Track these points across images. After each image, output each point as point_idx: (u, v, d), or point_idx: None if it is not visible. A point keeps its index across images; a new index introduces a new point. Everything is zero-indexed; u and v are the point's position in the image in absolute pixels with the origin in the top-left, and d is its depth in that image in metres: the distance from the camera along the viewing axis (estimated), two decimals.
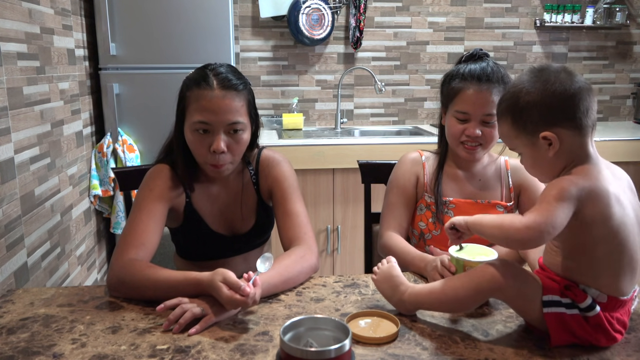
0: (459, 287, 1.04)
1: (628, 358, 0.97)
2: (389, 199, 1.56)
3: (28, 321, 1.11)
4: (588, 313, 0.97)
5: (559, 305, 0.98)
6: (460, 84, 1.44)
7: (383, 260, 1.19)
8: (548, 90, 0.97)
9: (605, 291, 0.98)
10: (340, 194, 2.89)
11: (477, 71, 1.43)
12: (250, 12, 3.31)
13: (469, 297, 1.03)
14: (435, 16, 3.45)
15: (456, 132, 1.45)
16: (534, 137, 1.00)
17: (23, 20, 1.97)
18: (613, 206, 0.94)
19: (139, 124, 2.76)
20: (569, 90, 0.97)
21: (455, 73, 1.47)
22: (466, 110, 1.43)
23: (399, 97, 3.53)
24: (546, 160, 1.00)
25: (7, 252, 1.79)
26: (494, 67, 1.44)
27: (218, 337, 1.04)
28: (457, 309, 1.10)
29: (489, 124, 1.43)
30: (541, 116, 0.98)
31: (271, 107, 3.45)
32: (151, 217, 1.32)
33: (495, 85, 1.42)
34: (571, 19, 3.46)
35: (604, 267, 0.97)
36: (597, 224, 0.94)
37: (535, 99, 0.98)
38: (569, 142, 0.98)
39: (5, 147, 1.81)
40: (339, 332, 0.93)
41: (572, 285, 0.99)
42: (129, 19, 2.66)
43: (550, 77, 0.98)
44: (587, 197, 0.94)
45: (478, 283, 1.01)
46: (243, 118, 1.33)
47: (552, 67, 1.01)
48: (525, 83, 1.00)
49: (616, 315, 1.00)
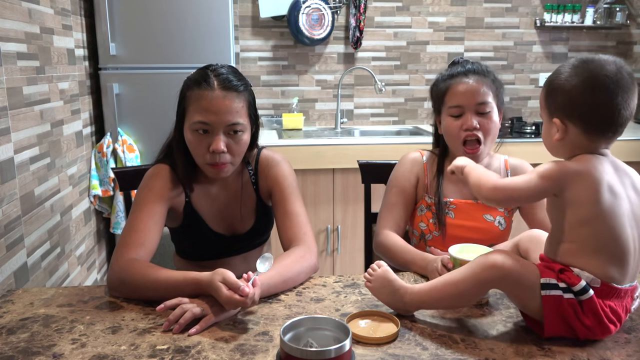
0: (459, 280, 1.04)
1: (628, 358, 0.97)
2: (388, 198, 1.56)
3: (28, 321, 1.11)
4: (582, 296, 0.98)
5: (556, 288, 0.99)
6: (448, 82, 1.46)
7: (372, 265, 1.15)
8: (579, 87, 1.00)
9: (596, 274, 0.99)
10: (340, 194, 2.89)
11: (462, 69, 1.46)
12: (250, 12, 3.31)
13: (470, 289, 1.04)
14: (435, 16, 3.45)
15: (454, 129, 1.44)
16: (551, 117, 1.05)
17: (23, 20, 1.97)
18: (602, 193, 0.98)
19: (138, 124, 2.76)
20: (595, 99, 0.99)
21: (441, 77, 1.50)
22: (458, 102, 1.43)
23: (399, 97, 3.53)
24: (551, 141, 1.07)
25: (7, 252, 1.79)
26: (478, 65, 1.47)
27: (218, 337, 1.04)
28: (459, 303, 1.10)
29: (484, 114, 1.43)
30: (562, 104, 1.02)
31: (271, 107, 3.45)
32: (151, 217, 1.32)
33: (482, 77, 1.44)
34: (571, 19, 3.46)
35: (591, 249, 0.99)
36: (581, 205, 0.99)
37: (565, 87, 1.01)
38: (574, 137, 1.03)
39: (5, 147, 1.81)
40: (339, 332, 0.93)
41: (566, 269, 1.01)
42: (129, 19, 2.66)
43: (590, 79, 0.99)
44: (572, 179, 0.99)
45: (478, 274, 1.02)
46: (243, 119, 1.33)
47: (606, 70, 0.99)
48: (569, 68, 1.02)
49: (609, 303, 1.00)
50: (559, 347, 1.00)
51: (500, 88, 1.48)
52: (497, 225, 1.48)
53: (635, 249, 1.01)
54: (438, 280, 1.09)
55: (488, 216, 1.48)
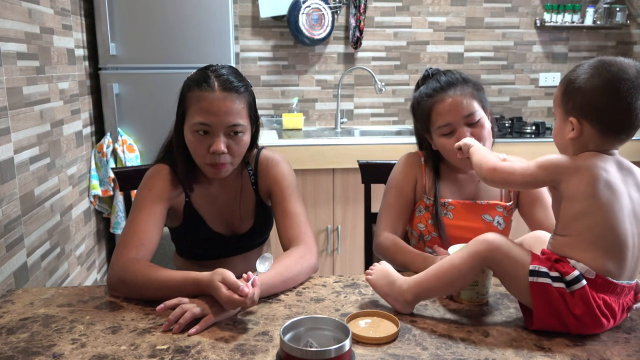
0: (455, 258, 1.09)
1: (628, 358, 0.97)
2: (387, 199, 1.56)
3: (28, 321, 1.11)
4: (574, 286, 0.99)
5: (546, 276, 1.01)
6: (430, 101, 1.44)
7: (375, 263, 1.21)
8: (600, 89, 1.01)
9: (592, 266, 1.00)
10: (340, 194, 2.89)
11: (438, 85, 1.44)
12: (250, 12, 3.31)
13: (465, 264, 1.06)
14: (435, 16, 3.45)
15: (451, 147, 1.41)
16: (566, 115, 1.06)
17: (23, 20, 1.97)
18: (598, 188, 1.00)
19: (138, 124, 2.76)
20: (615, 102, 1.00)
21: (419, 96, 1.48)
22: (446, 121, 1.41)
23: (399, 97, 3.53)
24: (564, 138, 1.08)
25: (6, 252, 1.79)
26: (452, 74, 1.45)
27: (218, 337, 1.04)
28: (457, 282, 1.10)
29: (474, 124, 1.42)
30: (580, 104, 1.03)
31: (271, 107, 3.45)
32: (151, 216, 1.32)
33: (461, 86, 1.42)
34: (571, 19, 3.46)
35: (588, 242, 1.01)
36: (577, 199, 1.01)
37: (585, 88, 1.02)
38: (588, 137, 1.04)
39: (5, 147, 1.81)
40: (339, 332, 0.93)
41: (563, 260, 1.02)
42: (129, 19, 2.66)
43: (612, 81, 1.00)
44: (567, 173, 1.03)
45: (472, 250, 1.06)
46: (243, 120, 1.33)
47: (627, 73, 1.00)
48: (589, 69, 1.03)
49: (603, 296, 1.00)
50: (559, 347, 1.00)
51: (480, 90, 1.46)
52: (496, 225, 1.48)
53: (635, 245, 1.01)
54: (434, 265, 1.12)
55: (487, 216, 1.48)
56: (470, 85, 1.44)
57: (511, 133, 3.07)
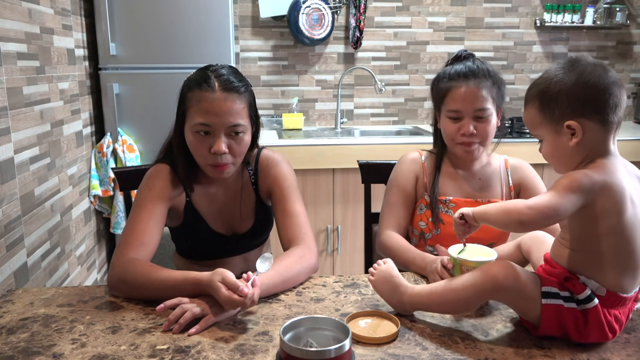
0: (460, 289, 1.04)
1: (628, 358, 0.97)
2: (388, 198, 1.56)
3: (28, 321, 1.11)
4: (586, 305, 0.98)
5: (557, 297, 0.99)
6: (449, 84, 1.46)
7: (379, 261, 1.19)
8: (581, 80, 0.98)
9: (607, 285, 0.98)
10: (340, 194, 2.88)
11: (463, 70, 1.45)
12: (250, 12, 3.31)
13: (470, 299, 1.03)
14: (435, 16, 3.45)
15: (451, 131, 1.46)
16: (558, 124, 1.00)
17: (23, 20, 1.97)
18: (626, 203, 0.96)
19: (138, 124, 2.76)
20: (601, 84, 0.98)
21: (443, 74, 1.49)
22: (457, 108, 1.44)
23: (399, 97, 3.53)
24: (566, 150, 1.01)
25: (7, 252, 1.79)
26: (480, 64, 1.46)
27: (218, 337, 1.04)
28: (457, 310, 1.10)
29: (481, 119, 1.44)
30: (570, 105, 0.99)
31: (271, 107, 3.45)
32: (151, 216, 1.32)
33: (482, 80, 1.44)
34: (571, 19, 3.45)
35: (608, 260, 0.97)
36: (608, 217, 0.95)
37: (567, 87, 0.99)
38: (592, 135, 0.99)
39: (5, 147, 1.81)
40: (339, 332, 0.93)
41: (572, 278, 1.00)
42: (129, 19, 2.66)
43: (586, 69, 0.99)
44: (600, 190, 0.95)
45: (479, 285, 1.01)
46: (244, 120, 1.33)
47: (589, 59, 1.01)
48: (559, 71, 1.01)
49: (614, 312, 1.00)
50: (559, 347, 1.00)
51: (501, 87, 1.48)
52: None
53: None
54: (438, 284, 1.09)
55: None
56: (490, 80, 1.45)
57: (511, 133, 3.07)
